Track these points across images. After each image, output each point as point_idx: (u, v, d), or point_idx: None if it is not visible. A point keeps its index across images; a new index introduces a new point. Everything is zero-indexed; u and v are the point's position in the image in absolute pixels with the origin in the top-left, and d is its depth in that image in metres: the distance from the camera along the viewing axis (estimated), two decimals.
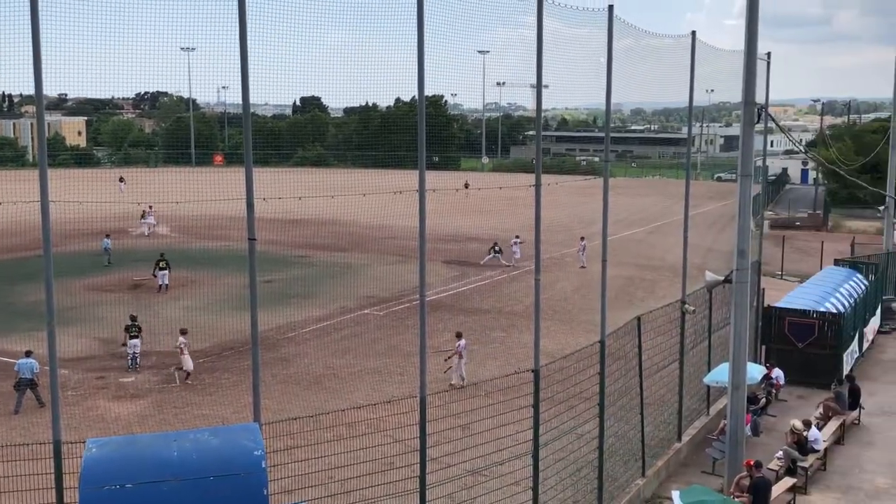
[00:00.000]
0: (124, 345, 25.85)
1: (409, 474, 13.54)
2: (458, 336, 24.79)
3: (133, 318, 26.06)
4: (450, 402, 15.73)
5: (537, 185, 14.15)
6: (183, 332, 24.89)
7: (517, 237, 43.81)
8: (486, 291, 37.70)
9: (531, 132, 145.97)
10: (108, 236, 44.88)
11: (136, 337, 25.62)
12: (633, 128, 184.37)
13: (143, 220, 53.14)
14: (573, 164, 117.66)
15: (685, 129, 29.46)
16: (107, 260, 43.14)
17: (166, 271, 37.46)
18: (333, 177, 72.25)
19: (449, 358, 24.25)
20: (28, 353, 22.32)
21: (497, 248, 44.66)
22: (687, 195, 21.46)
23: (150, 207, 53.53)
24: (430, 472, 13.22)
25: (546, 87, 14.88)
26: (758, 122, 16.72)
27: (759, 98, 16.91)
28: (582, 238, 45.11)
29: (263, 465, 9.58)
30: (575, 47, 16.40)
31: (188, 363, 24.43)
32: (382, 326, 30.84)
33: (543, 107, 15.16)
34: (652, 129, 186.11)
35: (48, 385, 11.89)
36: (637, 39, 18.61)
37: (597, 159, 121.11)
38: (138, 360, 25.52)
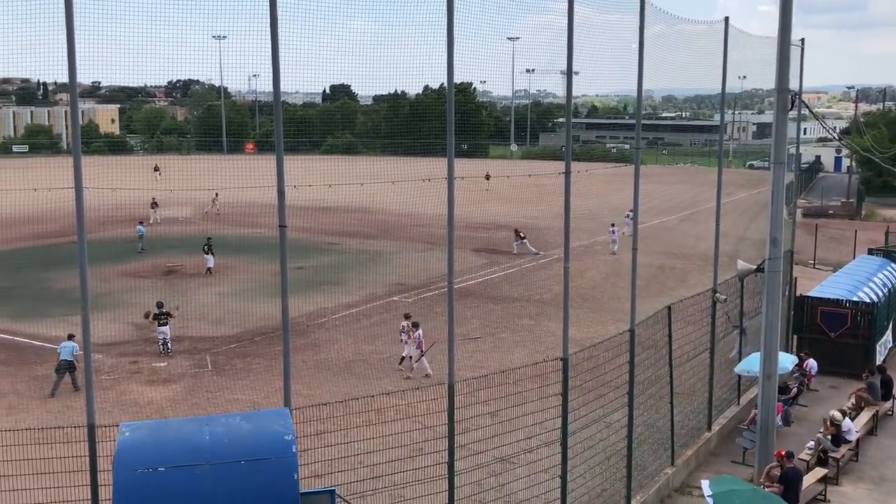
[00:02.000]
0: (147, 315, 26.17)
1: (438, 460, 13.60)
2: (416, 326, 24.54)
3: (160, 305, 26.34)
4: (478, 390, 15.75)
5: (567, 173, 14.09)
6: None
7: (627, 214, 43.56)
8: (515, 279, 37.66)
9: (561, 119, 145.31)
10: (141, 223, 45.37)
11: (165, 324, 25.89)
12: (664, 115, 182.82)
13: (153, 210, 53.55)
14: (603, 152, 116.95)
15: (717, 117, 29.13)
16: (140, 246, 43.60)
17: (211, 255, 37.93)
18: (362, 164, 72.51)
19: (423, 353, 24.13)
20: (71, 337, 22.63)
21: (522, 235, 44.52)
22: (719, 183, 21.28)
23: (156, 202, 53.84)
24: (458, 458, 13.27)
25: (576, 73, 14.78)
26: (791, 109, 16.51)
27: (793, 85, 16.68)
28: (613, 224, 44.88)
29: (294, 450, 9.66)
30: (606, 33, 16.30)
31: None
32: (412, 313, 30.92)
33: (573, 93, 15.05)
34: (683, 116, 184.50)
35: (83, 369, 12.08)
36: (669, 25, 18.44)
37: (627, 147, 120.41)
38: (169, 345, 25.83)
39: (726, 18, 19.49)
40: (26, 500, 12.60)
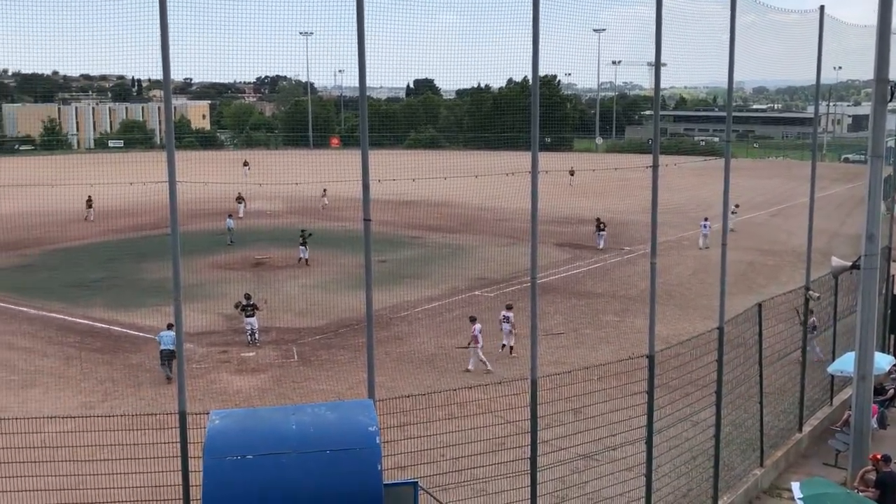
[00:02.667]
0: (237, 305, 26.76)
1: (520, 455, 13.56)
2: (472, 320, 24.58)
3: (247, 297, 26.89)
4: (561, 386, 15.62)
5: (654, 167, 13.84)
6: None
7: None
8: (599, 275, 37.25)
9: (647, 112, 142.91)
10: (230, 216, 46.47)
11: (252, 315, 26.44)
12: (755, 107, 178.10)
13: (239, 205, 54.53)
14: (691, 145, 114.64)
15: (811, 108, 28.25)
16: (229, 239, 44.66)
17: (305, 246, 38.63)
18: (445, 158, 72.67)
19: (468, 346, 24.15)
20: (170, 326, 23.19)
21: (603, 226, 43.90)
22: (813, 177, 20.60)
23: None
24: (540, 454, 13.19)
25: (664, 65, 14.50)
26: (891, 100, 15.85)
27: (893, 75, 16.03)
28: (706, 219, 43.92)
29: (378, 441, 9.74)
30: (694, 24, 15.96)
31: None
32: (493, 308, 30.87)
33: (661, 85, 14.76)
34: (775, 108, 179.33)
35: (177, 358, 12.42)
36: (760, 15, 17.93)
37: (716, 139, 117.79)
38: (257, 335, 26.38)
39: (821, 7, 18.84)
40: (120, 484, 13.06)
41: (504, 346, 25.45)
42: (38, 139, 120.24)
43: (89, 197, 51.94)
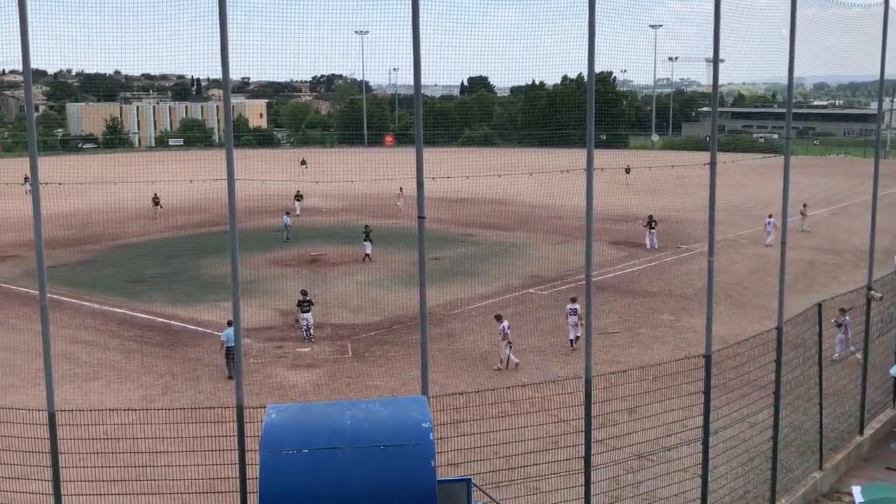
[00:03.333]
0: (297, 320, 27.07)
1: (574, 454, 13.50)
2: (499, 318, 24.45)
3: (304, 293, 27.18)
4: (616, 385, 15.52)
5: (712, 164, 13.65)
6: None
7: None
8: (655, 273, 36.84)
9: (705, 108, 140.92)
10: (287, 213, 47.02)
11: (308, 311, 26.73)
12: (815, 103, 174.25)
13: (297, 202, 54.92)
14: (750, 142, 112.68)
15: (874, 105, 27.54)
16: (286, 236, 45.18)
17: (369, 242, 39.09)
18: (499, 156, 72.63)
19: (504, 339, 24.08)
20: (230, 323, 23.48)
21: (654, 224, 43.30)
22: (876, 174, 20.08)
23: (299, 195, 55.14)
24: (595, 453, 13.12)
25: (722, 61, 14.29)
26: None
27: None
28: (770, 216, 43.14)
29: (431, 438, 9.78)
30: (753, 19, 15.71)
31: None
32: (546, 306, 30.78)
33: (719, 81, 14.55)
34: (836, 104, 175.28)
35: (236, 353, 12.59)
36: (822, 9, 17.53)
37: (776, 136, 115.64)
38: (312, 331, 26.67)
39: (886, 0, 18.36)
40: (179, 476, 13.32)
41: (572, 340, 25.40)
42: (101, 137, 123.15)
43: (155, 195, 52.91)
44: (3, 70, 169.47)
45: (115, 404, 19.80)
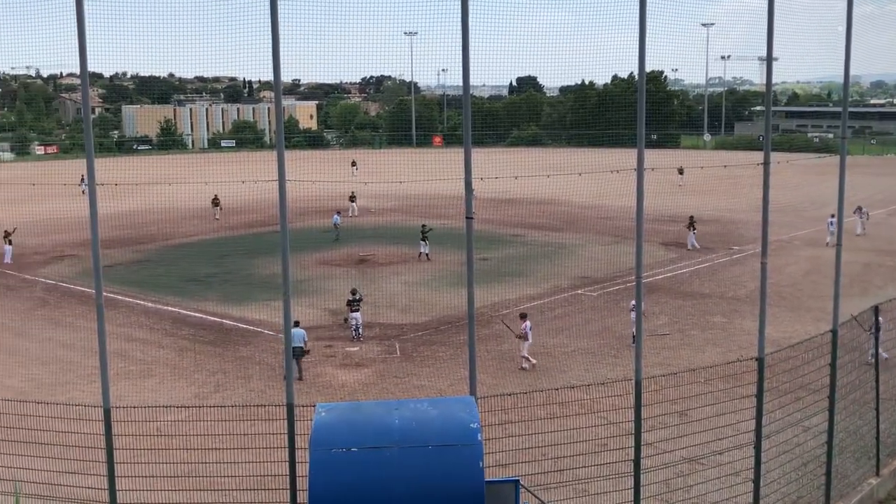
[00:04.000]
0: (346, 319, 27.24)
1: (623, 457, 13.39)
2: (523, 317, 24.21)
3: (353, 292, 27.35)
4: (666, 388, 15.36)
5: (766, 164, 13.44)
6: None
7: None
8: (706, 275, 36.36)
9: (758, 108, 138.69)
10: (338, 213, 47.33)
11: (357, 310, 26.89)
12: (872, 102, 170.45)
13: (351, 203, 55.20)
14: (804, 142, 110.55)
15: None
16: (335, 235, 45.51)
17: (426, 242, 39.34)
18: (548, 156, 72.31)
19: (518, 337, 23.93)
20: (297, 324, 23.66)
21: (693, 226, 42.67)
22: None
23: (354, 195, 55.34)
24: (644, 456, 13.01)
25: (776, 59, 14.06)
26: None
27: None
28: (832, 216, 42.31)
29: (479, 438, 9.78)
30: (808, 16, 15.44)
31: None
32: (596, 307, 30.57)
33: (773, 80, 14.33)
34: (894, 102, 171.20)
35: (285, 352, 12.69)
36: (879, 6, 17.44)
37: (831, 136, 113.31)
38: (361, 330, 26.83)
39: None
40: (230, 473, 13.51)
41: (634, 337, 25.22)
42: (155, 139, 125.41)
43: (216, 196, 53.42)
44: (61, 73, 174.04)
45: (168, 401, 20.14)
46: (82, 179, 65.91)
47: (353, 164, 77.81)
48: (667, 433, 14.46)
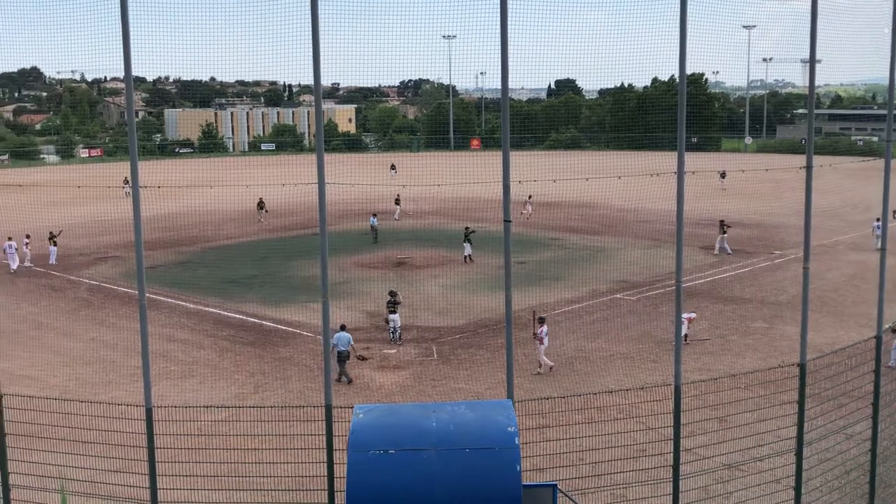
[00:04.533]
0: (386, 321, 27.35)
1: (662, 463, 13.28)
2: (541, 321, 23.94)
3: (392, 294, 27.44)
4: (706, 393, 15.21)
5: (808, 167, 13.27)
6: None
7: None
8: (747, 279, 35.93)
9: (801, 110, 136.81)
10: (374, 215, 47.55)
11: (395, 311, 26.97)
12: None
13: (396, 206, 55.24)
14: (848, 145, 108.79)
15: None
16: (373, 237, 45.69)
17: (470, 243, 39.50)
18: (587, 159, 71.88)
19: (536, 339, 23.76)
20: (343, 328, 23.80)
21: (726, 228, 42.09)
22: None
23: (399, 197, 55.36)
24: (683, 462, 12.90)
25: (819, 61, 13.88)
26: None
27: None
28: (878, 219, 41.60)
29: (517, 442, 9.76)
30: (853, 17, 15.19)
31: None
32: (635, 311, 30.36)
33: (816, 82, 14.13)
34: None
35: (324, 354, 12.78)
36: None
37: (875, 139, 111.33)
38: (399, 333, 26.91)
39: None
40: (269, 473, 13.64)
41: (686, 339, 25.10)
42: (197, 142, 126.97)
43: (261, 199, 53.46)
44: (105, 77, 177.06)
45: (208, 401, 20.38)
46: (125, 181, 67.00)
47: (393, 167, 78.07)
48: (706, 439, 14.33)
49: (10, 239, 38.96)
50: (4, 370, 21.80)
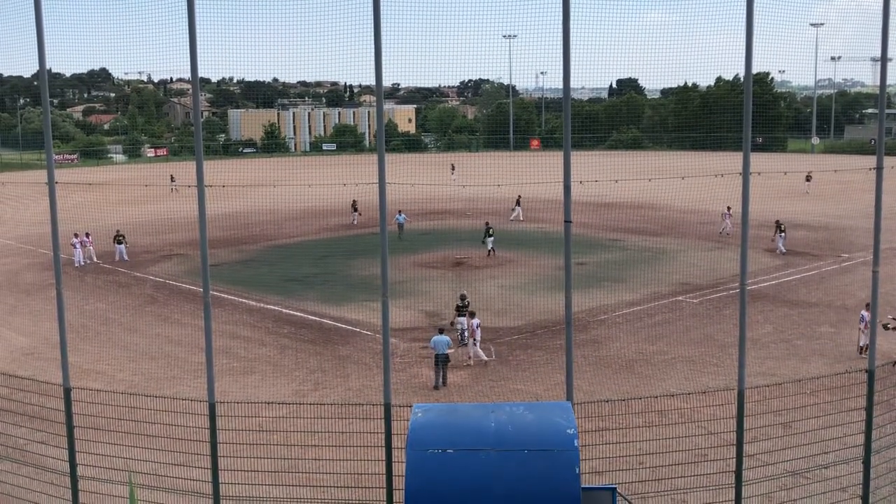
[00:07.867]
0: (452, 323, 27.27)
1: (724, 468, 13.07)
2: (472, 315, 24.39)
3: (462, 297, 27.35)
4: (770, 398, 14.91)
5: (879, 168, 12.91)
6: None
7: None
8: (814, 283, 35.11)
9: (870, 110, 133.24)
10: (400, 212, 46.91)
11: (463, 315, 26.77)
12: None
13: (515, 207, 54.68)
14: None
15: None
16: (399, 235, 45.39)
17: (492, 237, 39.97)
18: (648, 159, 71.07)
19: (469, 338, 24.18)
20: (441, 331, 23.81)
21: (782, 229, 41.06)
22: None
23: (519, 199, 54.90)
24: (746, 468, 12.67)
25: (891, 59, 13.50)
26: None
27: None
28: None
29: (576, 444, 9.69)
30: None
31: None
32: (697, 314, 29.90)
33: (887, 81, 13.76)
34: None
35: (382, 352, 12.84)
36: None
37: None
38: (467, 335, 26.65)
39: None
40: (328, 469, 13.77)
41: (861, 347, 24.46)
42: (260, 142, 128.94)
43: (354, 200, 52.20)
44: (171, 78, 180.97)
45: (269, 398, 20.66)
46: (172, 178, 68.91)
47: (452, 168, 78.12)
48: (770, 445, 14.05)
49: (76, 235, 40.13)
50: (73, 364, 22.41)
